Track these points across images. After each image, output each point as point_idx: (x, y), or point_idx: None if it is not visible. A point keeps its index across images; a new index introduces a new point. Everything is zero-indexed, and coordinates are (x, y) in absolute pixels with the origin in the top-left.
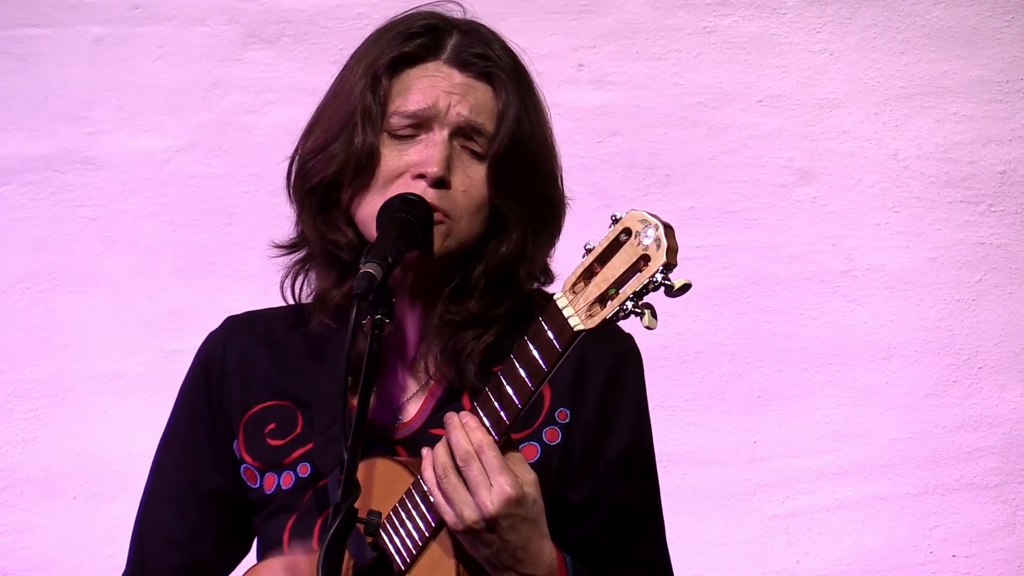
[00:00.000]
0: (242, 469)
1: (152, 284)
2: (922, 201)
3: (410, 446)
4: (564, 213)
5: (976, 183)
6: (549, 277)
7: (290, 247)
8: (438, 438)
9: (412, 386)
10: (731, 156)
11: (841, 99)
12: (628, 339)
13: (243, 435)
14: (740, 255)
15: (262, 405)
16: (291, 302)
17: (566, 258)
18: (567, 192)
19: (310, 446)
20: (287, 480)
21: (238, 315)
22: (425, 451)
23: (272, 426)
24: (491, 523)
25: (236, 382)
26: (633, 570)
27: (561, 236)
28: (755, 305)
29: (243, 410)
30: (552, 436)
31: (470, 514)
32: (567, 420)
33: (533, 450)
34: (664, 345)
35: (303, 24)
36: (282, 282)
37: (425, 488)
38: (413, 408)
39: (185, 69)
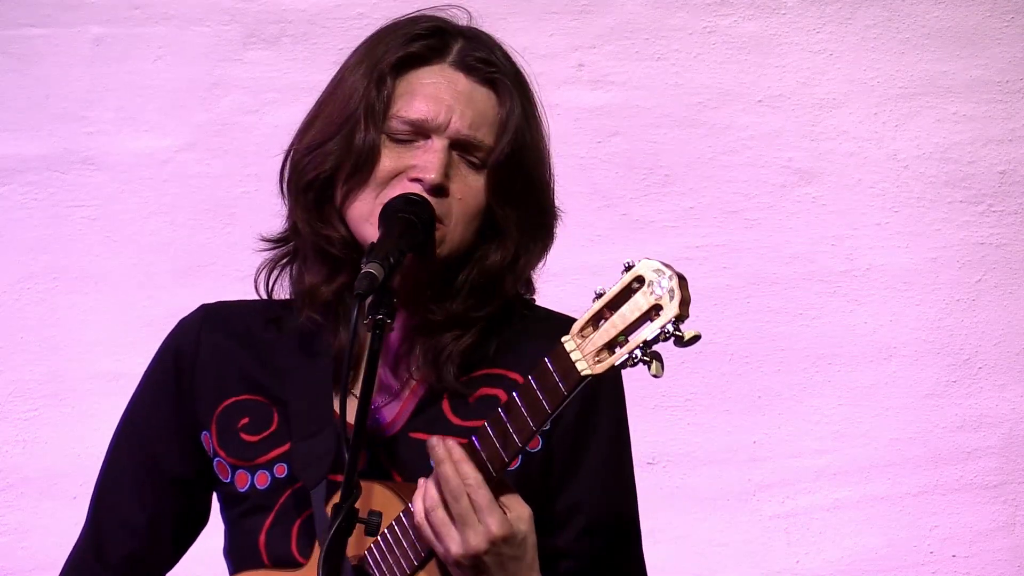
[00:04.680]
0: (215, 463)
1: (152, 284)
2: (922, 201)
3: (390, 449)
4: (555, 224)
5: (976, 183)
6: (531, 289)
7: (279, 241)
8: (417, 442)
9: (393, 387)
10: (731, 156)
11: (841, 99)
12: None
13: (216, 428)
14: (740, 255)
15: (236, 399)
16: (263, 296)
17: (563, 258)
18: (567, 192)
19: (287, 447)
20: (262, 480)
21: (212, 304)
22: (420, 481)
23: (245, 421)
24: (477, 560)
25: (209, 372)
26: None
27: (561, 235)
28: (755, 305)
29: (216, 402)
30: (533, 444)
31: (456, 549)
32: (547, 427)
33: (514, 459)
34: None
35: (303, 24)
36: (257, 274)
37: (416, 519)
38: (393, 410)
39: (185, 69)
